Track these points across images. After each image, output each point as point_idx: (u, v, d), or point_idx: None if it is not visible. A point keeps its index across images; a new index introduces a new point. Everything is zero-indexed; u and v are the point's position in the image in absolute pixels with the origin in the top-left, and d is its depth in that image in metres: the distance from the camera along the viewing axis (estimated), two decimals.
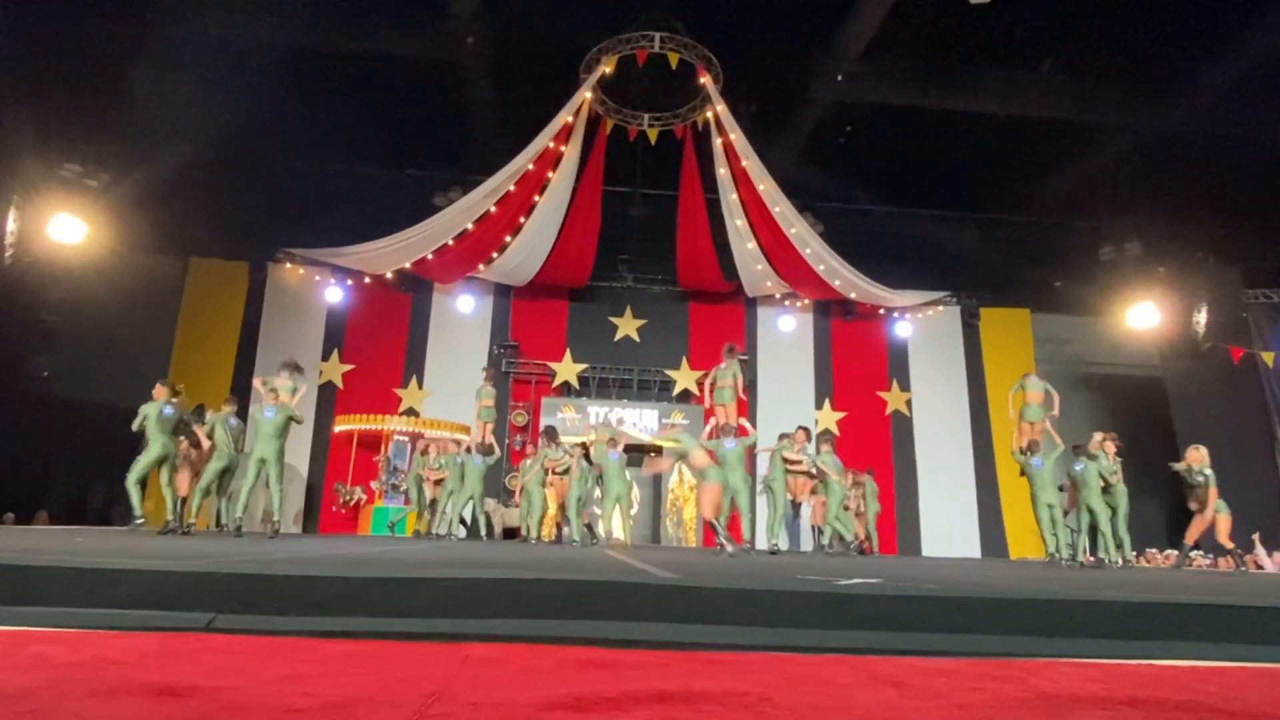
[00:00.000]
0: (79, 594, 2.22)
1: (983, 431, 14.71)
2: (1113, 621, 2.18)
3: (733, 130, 11.73)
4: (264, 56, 10.61)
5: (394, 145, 13.09)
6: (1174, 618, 2.20)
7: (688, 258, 14.26)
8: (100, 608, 2.17)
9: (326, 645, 1.84)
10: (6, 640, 1.83)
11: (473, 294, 14.92)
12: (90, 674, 1.51)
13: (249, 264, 14.29)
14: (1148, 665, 1.96)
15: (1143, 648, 2.06)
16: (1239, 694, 1.70)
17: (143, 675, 1.52)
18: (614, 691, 1.44)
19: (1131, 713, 1.45)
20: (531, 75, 11.86)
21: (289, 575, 2.19)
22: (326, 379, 14.24)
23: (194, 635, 1.97)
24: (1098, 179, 13.33)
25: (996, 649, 2.01)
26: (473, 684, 1.51)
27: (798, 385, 15.02)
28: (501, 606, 2.07)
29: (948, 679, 1.69)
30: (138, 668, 1.59)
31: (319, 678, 1.54)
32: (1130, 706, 1.49)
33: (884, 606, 2.18)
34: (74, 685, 1.38)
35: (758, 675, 1.65)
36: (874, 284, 13.87)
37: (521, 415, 14.32)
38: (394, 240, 12.93)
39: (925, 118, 12.21)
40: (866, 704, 1.45)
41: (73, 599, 2.20)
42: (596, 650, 1.85)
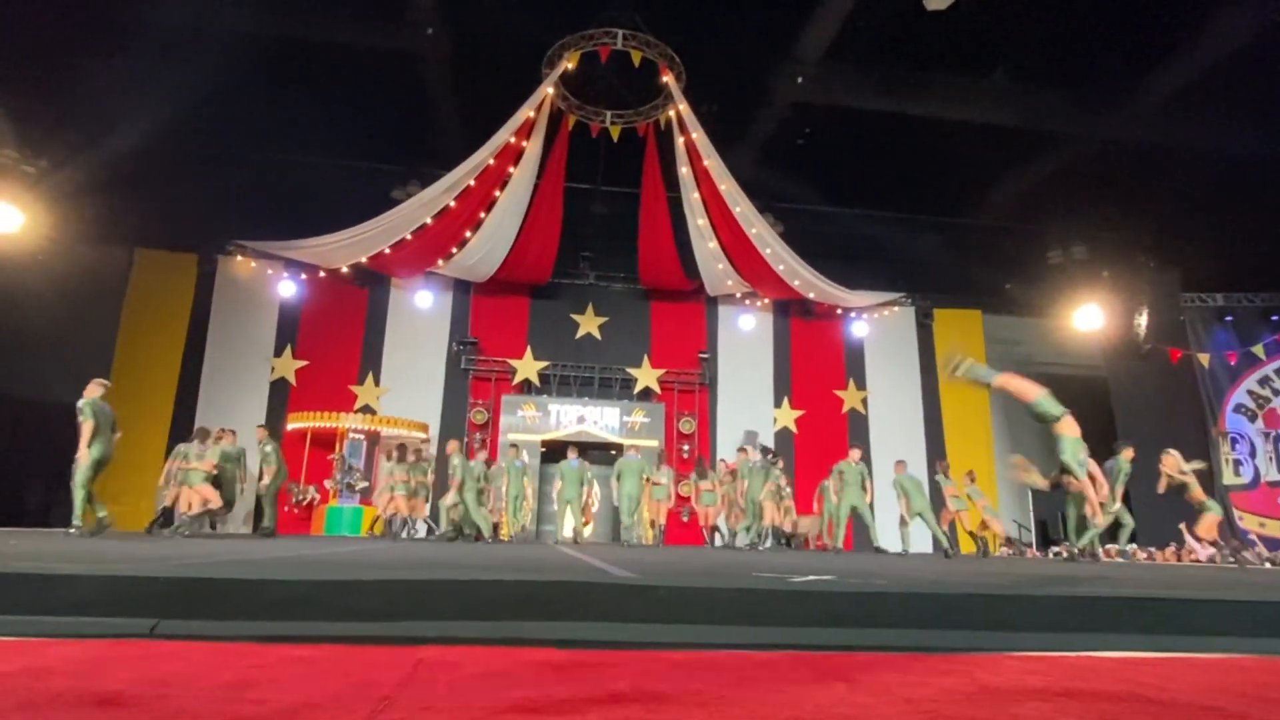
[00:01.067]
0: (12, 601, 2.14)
1: (935, 429, 15.09)
2: (1054, 615, 2.27)
3: (695, 129, 11.80)
4: (218, 42, 10.31)
5: (351, 137, 12.83)
6: (1111, 611, 2.29)
7: (649, 256, 14.29)
8: (36, 614, 2.09)
9: (275, 650, 1.80)
10: None
11: (431, 290, 14.72)
12: (24, 684, 1.45)
13: (198, 256, 13.86)
14: (1086, 657, 2.04)
15: (1082, 640, 2.14)
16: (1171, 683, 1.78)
17: (81, 685, 1.47)
18: (569, 694, 1.44)
19: (1069, 703, 1.50)
20: (493, 69, 11.75)
21: (236, 578, 2.14)
22: (279, 375, 13.90)
23: (137, 642, 1.91)
24: (1047, 184, 13.79)
25: (944, 643, 2.06)
26: (426, 688, 1.50)
27: (757, 384, 15.20)
28: (457, 608, 2.05)
29: (897, 674, 1.73)
30: (76, 677, 1.54)
31: (267, 684, 1.51)
32: (1068, 698, 1.54)
33: (836, 603, 2.22)
34: (5, 697, 1.32)
35: (713, 674, 1.67)
36: (832, 284, 14.10)
37: (481, 413, 14.19)
38: (350, 234, 12.67)
39: (882, 121, 12.46)
40: (818, 701, 1.48)
41: (5, 606, 2.11)
42: (554, 651, 1.84)
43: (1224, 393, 13.42)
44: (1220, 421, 13.24)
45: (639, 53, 11.27)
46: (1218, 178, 12.63)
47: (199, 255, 13.86)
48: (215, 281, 13.95)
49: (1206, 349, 13.67)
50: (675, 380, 14.91)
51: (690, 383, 14.95)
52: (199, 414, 13.24)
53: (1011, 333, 16.15)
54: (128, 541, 6.30)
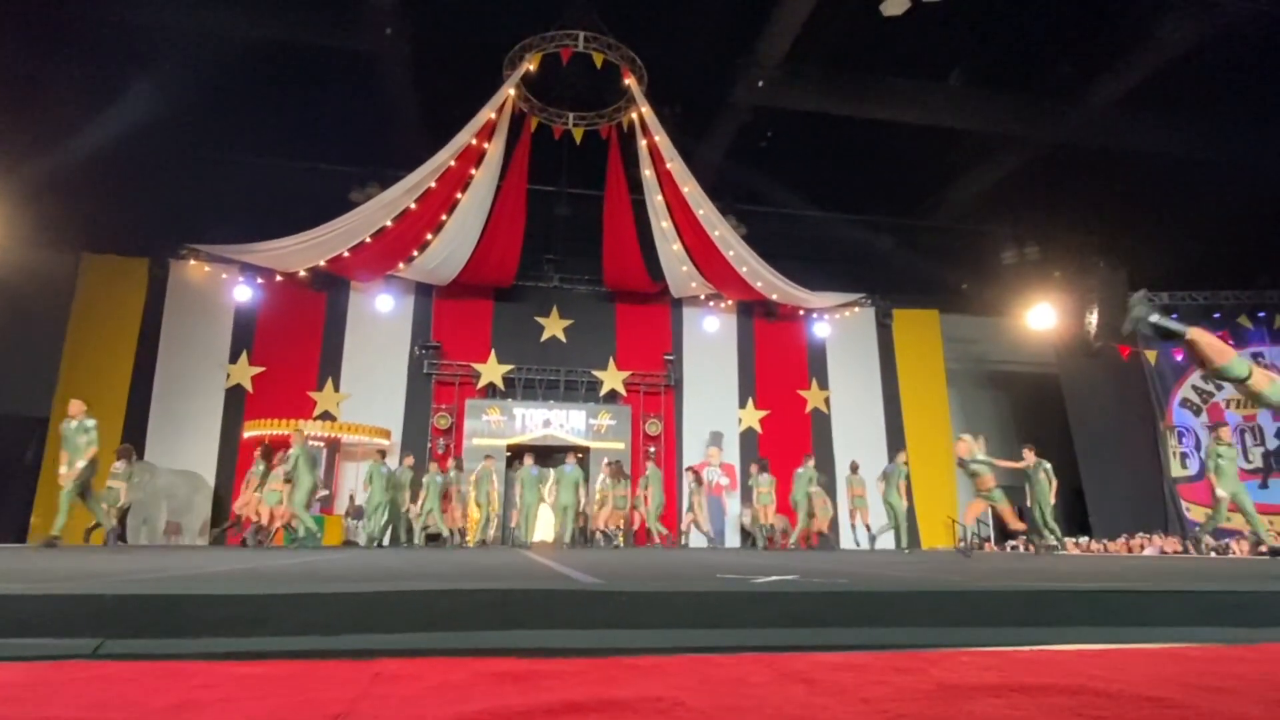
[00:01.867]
0: None
1: (896, 428, 15.36)
2: (1008, 610, 2.31)
3: (657, 132, 11.84)
4: (170, 44, 10.06)
5: (309, 138, 12.60)
6: (1063, 604, 2.34)
7: (614, 258, 14.30)
8: None
9: (224, 668, 1.74)
10: None
11: (392, 293, 14.50)
12: None
13: (150, 260, 13.45)
14: (1040, 651, 2.08)
15: (1036, 634, 2.19)
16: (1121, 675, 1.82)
17: (20, 712, 1.41)
18: (527, 704, 1.42)
19: (1022, 698, 1.53)
20: (453, 70, 11.65)
21: (185, 594, 2.07)
22: (235, 382, 13.56)
23: (78, 663, 1.83)
24: (1001, 186, 14.16)
25: (902, 641, 2.09)
26: (381, 702, 1.47)
27: (722, 385, 15.31)
28: (415, 619, 2.01)
29: (855, 673, 1.74)
30: (15, 703, 1.47)
31: (214, 704, 1.46)
32: (1021, 693, 1.57)
33: (797, 603, 2.24)
34: None
35: (673, 679, 1.66)
36: (794, 285, 14.27)
37: (445, 418, 14.03)
38: (308, 237, 12.43)
39: (842, 124, 12.67)
40: (778, 703, 1.48)
41: None
42: (513, 661, 1.82)
43: (1170, 388, 13.89)
44: (1167, 416, 13.70)
45: (601, 55, 11.27)
46: (1163, 179, 13.10)
47: (150, 259, 13.46)
48: (168, 286, 13.57)
49: (1154, 346, 14.14)
50: (641, 382, 14.93)
51: (656, 384, 14.99)
52: (151, 423, 12.87)
53: (968, 331, 16.54)
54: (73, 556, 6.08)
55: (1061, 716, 1.42)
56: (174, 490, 12.48)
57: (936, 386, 15.71)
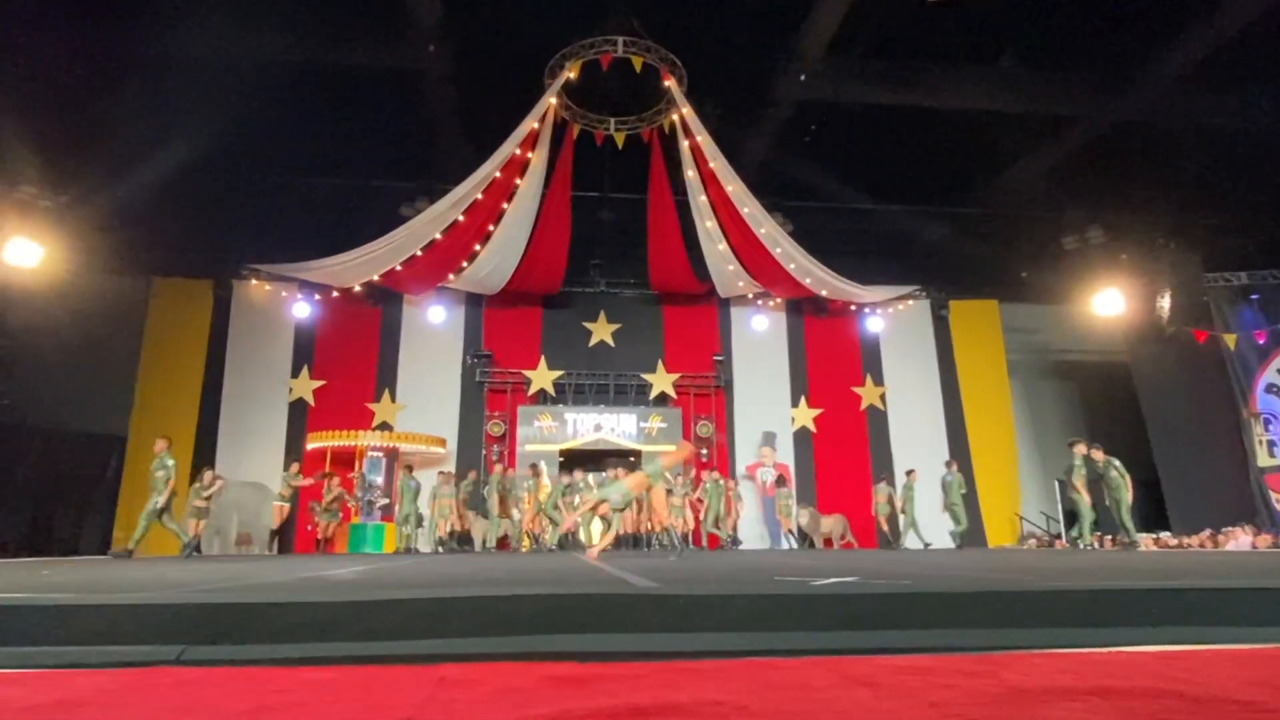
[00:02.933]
0: (44, 631, 2.16)
1: (956, 423, 14.93)
2: (1081, 610, 2.22)
3: (699, 132, 11.79)
4: (225, 72, 10.46)
5: (359, 157, 12.98)
6: (1140, 603, 2.24)
7: (659, 260, 14.30)
8: (65, 645, 2.12)
9: (299, 674, 1.80)
10: None
11: (443, 304, 14.81)
12: (53, 717, 1.47)
13: (213, 281, 14.04)
14: (1117, 653, 2.00)
15: (1111, 635, 2.10)
16: (1206, 677, 1.74)
17: (108, 715, 1.48)
18: (590, 708, 1.43)
19: (1101, 702, 1.47)
20: (496, 83, 11.83)
21: (260, 602, 2.16)
22: (297, 396, 14.03)
23: (164, 670, 1.92)
24: (1060, 169, 13.63)
25: (970, 643, 2.03)
26: (448, 707, 1.50)
27: (773, 384, 15.14)
28: (477, 625, 2.05)
29: (921, 677, 1.70)
30: (103, 708, 1.55)
31: (291, 708, 1.52)
32: (1099, 696, 1.51)
33: (859, 605, 2.20)
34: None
35: (734, 683, 1.65)
36: (844, 280, 14.02)
37: (498, 425, 14.23)
38: (361, 253, 12.78)
39: (889, 114, 12.39)
40: (842, 707, 1.46)
41: (36, 637, 2.14)
42: (574, 665, 1.84)
43: (1254, 373, 13.12)
44: (1251, 403, 12.95)
45: (640, 58, 11.29)
46: (1237, 154, 12.41)
47: (214, 281, 14.04)
48: (231, 306, 14.13)
49: (1233, 329, 13.40)
50: (691, 384, 14.88)
51: (706, 386, 14.92)
52: (220, 437, 13.41)
53: (1029, 321, 15.98)
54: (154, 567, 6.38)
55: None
56: (243, 502, 12.97)
57: (998, 379, 15.22)
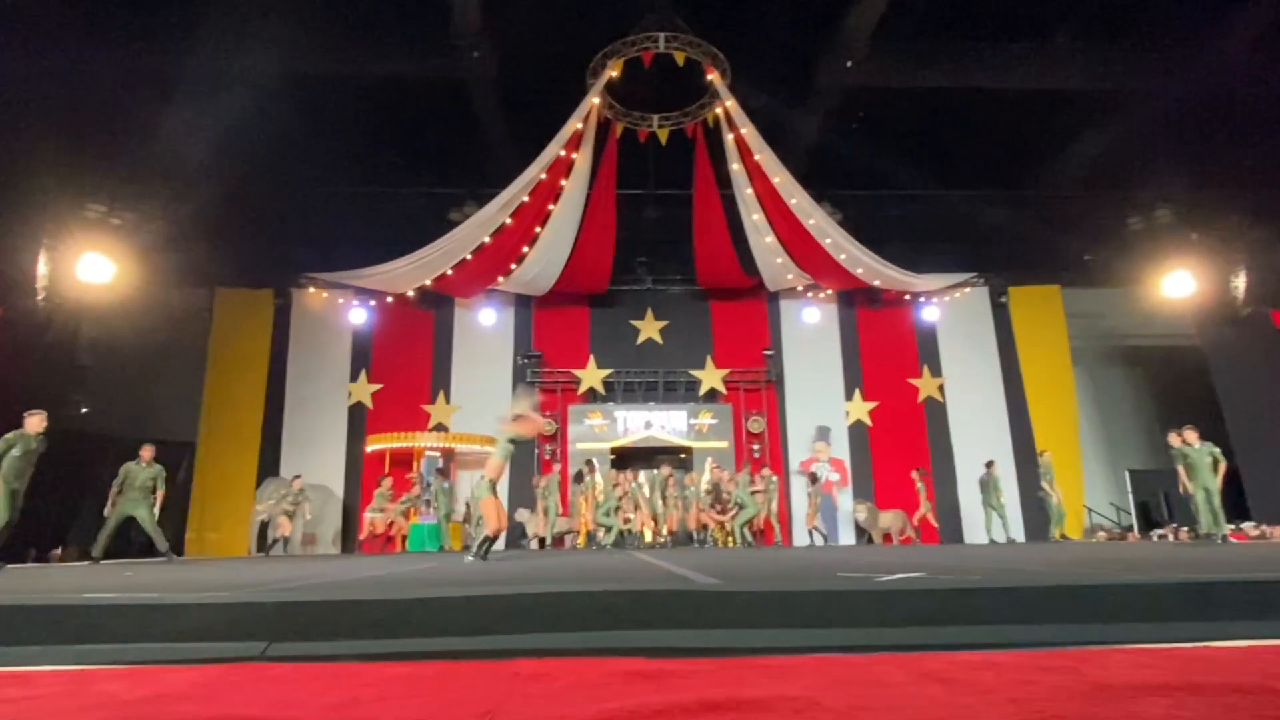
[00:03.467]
0: (136, 629, 2.28)
1: (1019, 413, 14.47)
2: (1165, 604, 2.14)
3: (744, 125, 11.70)
4: (277, 86, 10.80)
5: (407, 164, 13.29)
6: (1229, 597, 2.15)
7: (706, 255, 14.24)
8: (158, 642, 2.23)
9: (379, 669, 1.87)
10: (74, 679, 1.89)
11: (494, 306, 15.05)
12: (155, 710, 1.55)
13: (273, 291, 14.56)
14: (1205, 648, 1.92)
15: (1199, 629, 2.02)
16: None
17: (205, 709, 1.56)
18: (662, 703, 1.45)
19: (1191, 699, 1.42)
20: (538, 85, 11.95)
21: (337, 600, 2.24)
22: (356, 400, 14.45)
23: (250, 665, 2.01)
24: (1122, 147, 13.03)
25: (1045, 639, 1.98)
26: (525, 701, 1.53)
27: (826, 377, 14.91)
28: (547, 621, 2.08)
29: (997, 673, 1.67)
30: (200, 701, 1.63)
31: (375, 702, 1.57)
32: (1189, 692, 1.46)
33: (928, 601, 2.16)
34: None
35: (804, 679, 1.65)
36: (897, 269, 13.73)
37: (550, 424, 14.39)
38: (413, 259, 13.09)
39: (940, 97, 12.08)
40: (916, 703, 1.44)
41: (129, 634, 2.26)
42: (642, 660, 1.85)
43: None
44: None
45: (682, 53, 11.26)
46: None
47: (274, 290, 14.55)
48: (291, 314, 14.64)
49: None
50: (741, 379, 14.79)
51: (757, 381, 14.80)
52: (284, 441, 13.90)
53: (1094, 306, 15.36)
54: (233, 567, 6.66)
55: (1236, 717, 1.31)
56: None
57: (1061, 366, 14.70)
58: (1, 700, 1.66)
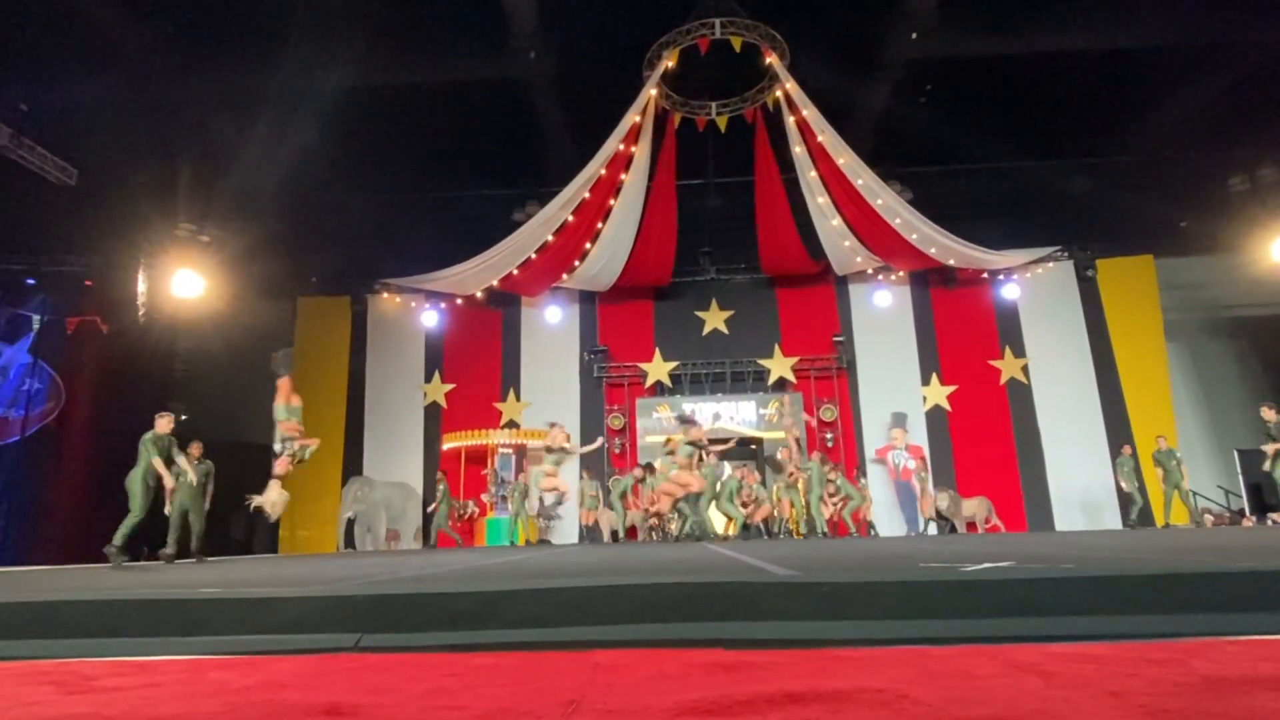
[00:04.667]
0: (241, 622, 2.43)
1: (1112, 393, 13.71)
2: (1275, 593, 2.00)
3: (805, 106, 11.46)
4: (345, 100, 11.20)
5: (471, 168, 13.56)
6: None
7: (770, 242, 14.04)
8: (260, 634, 2.36)
9: (465, 659, 1.93)
10: (189, 668, 2.02)
11: (559, 304, 15.26)
12: (264, 697, 1.64)
13: (350, 298, 15.17)
14: None
15: None
16: None
17: (308, 696, 1.64)
18: (744, 694, 1.44)
19: None
20: (596, 81, 11.99)
21: (424, 593, 2.32)
22: (431, 400, 14.93)
23: (345, 655, 2.11)
24: (1219, 103, 12.10)
25: (1148, 630, 1.88)
26: (607, 691, 1.55)
27: (901, 362, 14.51)
28: (625, 612, 2.11)
29: (1097, 665, 1.60)
30: (303, 689, 1.72)
31: (462, 691, 1.62)
32: None
33: (1018, 591, 2.08)
34: (254, 709, 1.51)
35: (890, 670, 1.61)
36: (973, 247, 13.20)
37: (618, 418, 14.51)
38: (479, 260, 13.41)
39: (1013, 63, 11.48)
40: (1011, 694, 1.39)
41: (236, 627, 2.40)
42: (721, 652, 1.85)
43: None
44: None
45: (739, 38, 11.10)
46: None
47: (351, 297, 15.17)
48: (367, 319, 15.24)
49: None
50: (810, 367, 14.54)
51: (827, 368, 14.52)
52: (366, 442, 14.48)
53: (1192, 275, 14.37)
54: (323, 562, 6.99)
55: None
56: (390, 501, 13.96)
57: (1156, 341, 13.83)
58: (128, 687, 1.79)
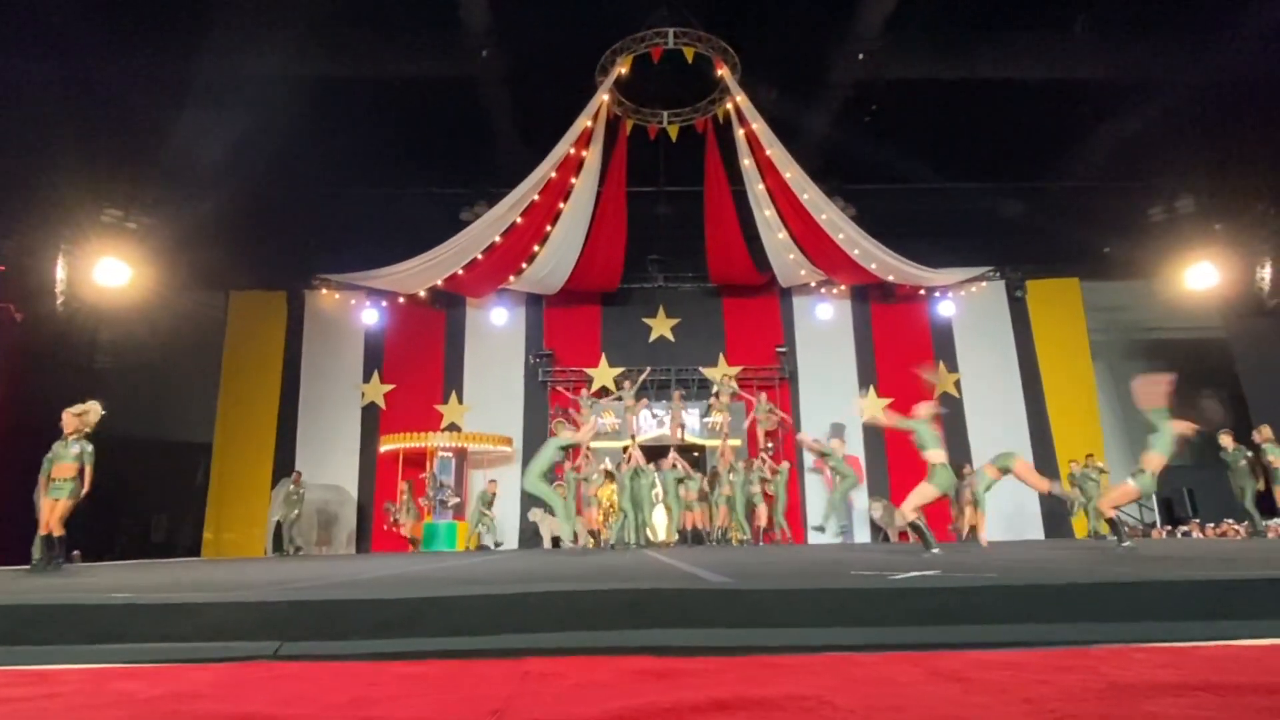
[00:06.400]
0: (153, 629, 2.31)
1: (1038, 410, 14.30)
2: (1183, 602, 2.11)
3: (754, 120, 11.63)
4: (287, 89, 10.85)
5: (418, 165, 13.30)
6: (1248, 594, 2.11)
7: (718, 252, 14.18)
8: (174, 641, 2.25)
9: (390, 667, 1.87)
10: (90, 678, 1.91)
11: (505, 306, 15.07)
12: (170, 708, 1.56)
13: (287, 293, 14.65)
14: (1224, 646, 1.89)
15: (1217, 628, 1.98)
16: None
17: (218, 707, 1.57)
18: (671, 701, 1.44)
19: (1209, 698, 1.40)
20: (548, 84, 11.93)
21: (349, 599, 2.25)
22: (369, 400, 14.53)
23: (263, 664, 2.02)
24: (1141, 137, 12.82)
25: (1062, 638, 1.95)
26: (534, 700, 1.53)
27: (840, 373, 14.81)
28: (557, 619, 2.08)
29: (1012, 672, 1.65)
30: (213, 700, 1.64)
31: (385, 701, 1.57)
32: (1207, 691, 1.43)
33: (942, 599, 2.14)
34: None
35: (816, 678, 1.63)
36: (912, 264, 13.60)
37: (562, 423, 14.36)
38: (424, 259, 13.13)
39: (955, 89, 11.93)
40: (930, 702, 1.43)
41: (147, 634, 2.28)
42: (653, 659, 1.85)
43: None
44: None
45: (692, 49, 11.21)
46: None
47: (287, 292, 14.64)
48: (304, 315, 14.72)
49: None
50: (754, 376, 14.72)
51: (770, 378, 14.73)
52: (299, 442, 13.99)
53: (1114, 299, 15.12)
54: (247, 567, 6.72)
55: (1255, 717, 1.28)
56: (323, 504, 13.53)
57: (1081, 360, 14.50)
58: (21, 698, 1.68)
